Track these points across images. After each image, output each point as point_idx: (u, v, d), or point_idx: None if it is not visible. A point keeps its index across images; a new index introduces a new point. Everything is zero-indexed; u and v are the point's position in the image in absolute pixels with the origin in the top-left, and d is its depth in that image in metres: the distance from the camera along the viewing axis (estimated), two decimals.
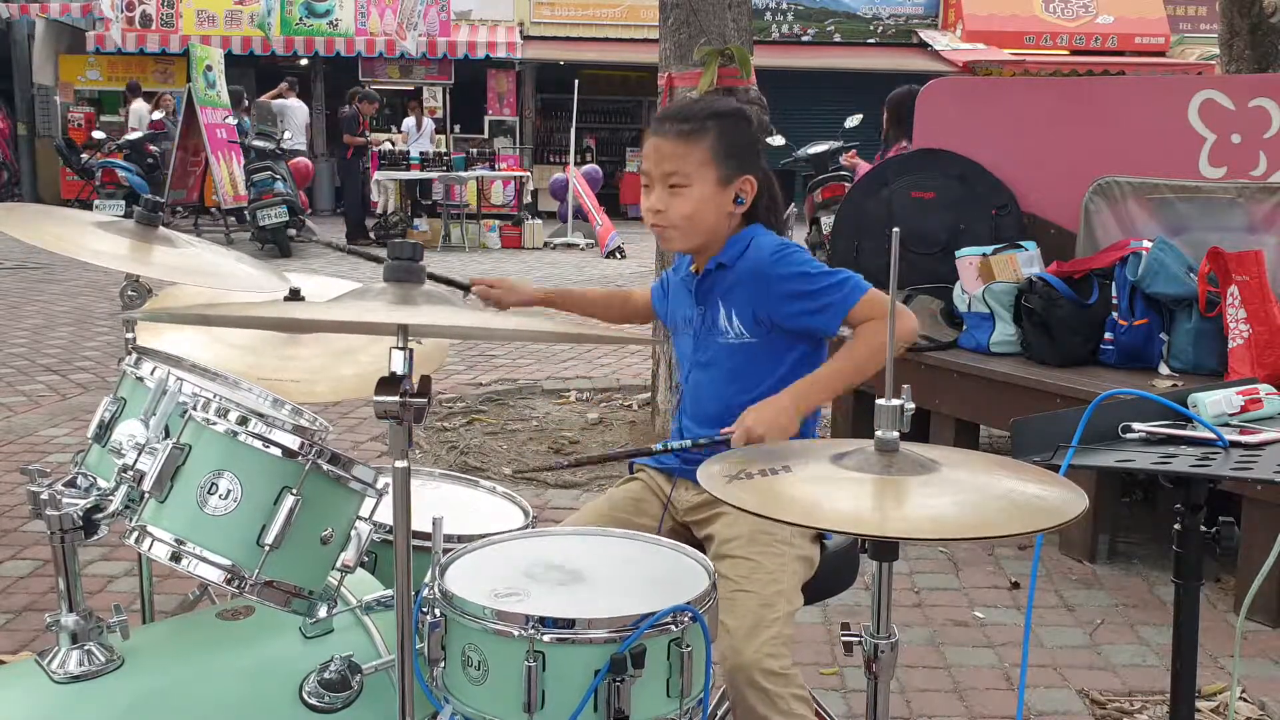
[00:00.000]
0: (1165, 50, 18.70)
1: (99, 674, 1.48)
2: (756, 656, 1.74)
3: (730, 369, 2.00)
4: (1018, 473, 1.31)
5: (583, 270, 11.51)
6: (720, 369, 2.01)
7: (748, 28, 4.70)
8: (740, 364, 1.99)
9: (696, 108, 2.05)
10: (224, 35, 17.14)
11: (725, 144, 1.97)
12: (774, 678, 1.74)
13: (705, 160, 1.96)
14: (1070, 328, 3.97)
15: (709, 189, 1.97)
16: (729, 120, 2.00)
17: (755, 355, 1.98)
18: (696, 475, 1.28)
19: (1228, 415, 1.70)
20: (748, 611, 1.79)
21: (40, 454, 4.67)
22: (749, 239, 2.01)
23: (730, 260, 2.00)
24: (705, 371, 2.03)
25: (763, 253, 1.98)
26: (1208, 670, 2.91)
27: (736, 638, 1.77)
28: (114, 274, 1.87)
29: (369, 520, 1.57)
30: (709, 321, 2.03)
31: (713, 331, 2.02)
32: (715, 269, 2.01)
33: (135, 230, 1.93)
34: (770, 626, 1.78)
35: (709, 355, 2.02)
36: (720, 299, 2.01)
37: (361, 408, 5.38)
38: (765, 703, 1.72)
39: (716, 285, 2.02)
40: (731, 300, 2.00)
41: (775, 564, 1.87)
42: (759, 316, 1.97)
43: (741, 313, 1.99)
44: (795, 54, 18.12)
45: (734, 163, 1.98)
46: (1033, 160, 4.56)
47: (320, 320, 1.50)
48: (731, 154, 1.98)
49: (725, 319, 2.00)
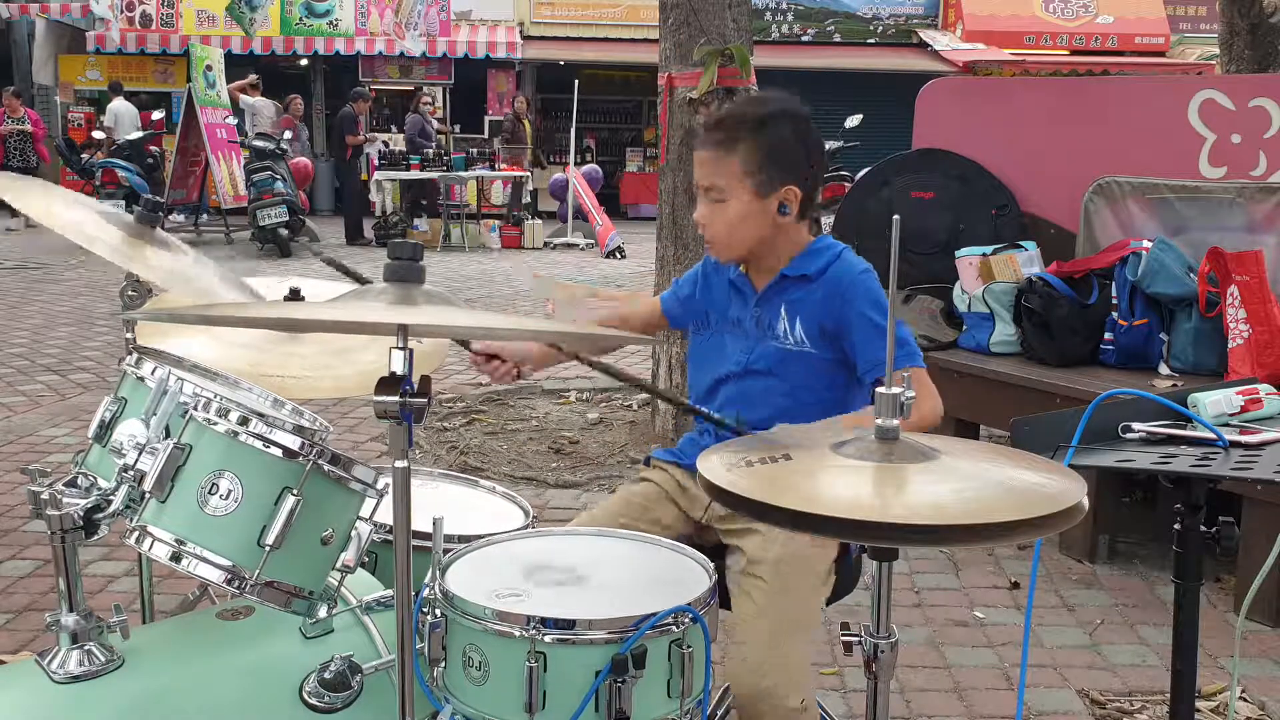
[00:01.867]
0: (1165, 50, 18.70)
1: (99, 674, 1.48)
2: (772, 686, 1.72)
3: (787, 376, 1.97)
4: (1018, 461, 1.31)
5: (583, 270, 11.51)
6: (777, 376, 1.97)
7: (748, 28, 4.70)
8: (797, 372, 1.96)
9: (732, 117, 1.97)
10: (224, 35, 17.13)
11: (761, 154, 1.91)
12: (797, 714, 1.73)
13: (739, 173, 1.91)
14: (1070, 328, 3.97)
15: (746, 202, 1.92)
16: (766, 128, 1.92)
17: (812, 366, 1.96)
18: (697, 464, 1.27)
19: (1228, 415, 1.70)
20: (769, 637, 1.78)
21: (40, 454, 4.67)
22: (837, 251, 1.99)
23: (815, 271, 1.96)
24: (761, 379, 1.99)
25: (852, 269, 1.96)
26: (1208, 670, 2.90)
27: (753, 663, 1.75)
28: (114, 274, 1.87)
29: (369, 520, 1.57)
30: (764, 324, 1.99)
31: (767, 335, 1.99)
32: (797, 278, 1.97)
33: (133, 227, 1.93)
34: (792, 653, 1.77)
35: (767, 363, 1.98)
36: (785, 305, 1.97)
37: (361, 408, 5.38)
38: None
39: (787, 292, 1.98)
40: (800, 308, 1.96)
41: (806, 587, 1.86)
42: (826, 327, 1.94)
43: (808, 322, 1.95)
44: (795, 54, 18.11)
45: (773, 172, 1.92)
46: (1033, 160, 4.57)
47: (320, 320, 1.50)
48: (769, 164, 1.92)
49: (786, 325, 1.97)
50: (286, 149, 12.36)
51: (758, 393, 1.99)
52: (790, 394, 1.96)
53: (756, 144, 1.91)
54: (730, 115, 1.98)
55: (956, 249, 4.41)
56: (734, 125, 1.93)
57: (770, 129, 1.93)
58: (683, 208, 4.67)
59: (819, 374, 1.97)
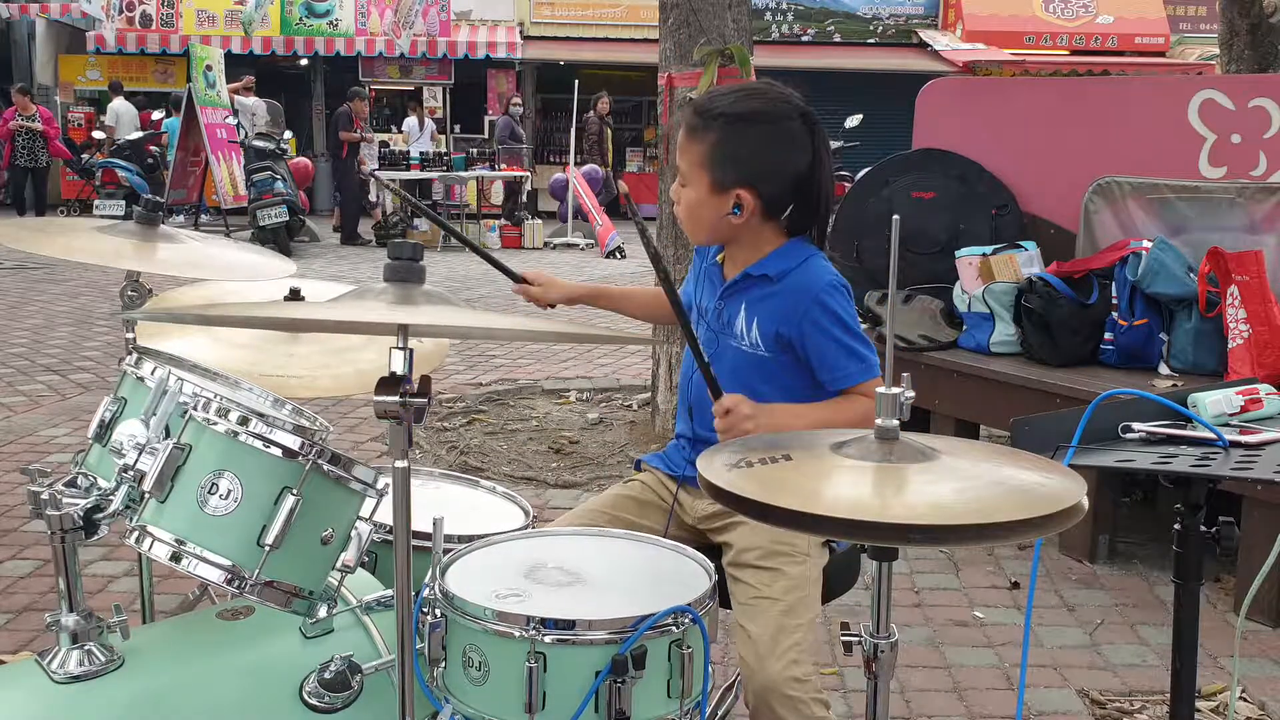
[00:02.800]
0: (1165, 50, 18.71)
1: (99, 674, 1.48)
2: (781, 666, 1.72)
3: (736, 372, 1.93)
4: (1018, 461, 1.31)
5: (583, 270, 11.51)
6: (725, 367, 1.92)
7: (748, 28, 4.70)
8: (748, 373, 1.92)
9: (711, 106, 1.90)
10: (224, 35, 17.14)
11: (723, 150, 1.86)
12: (799, 685, 1.72)
13: (700, 162, 1.88)
14: (1070, 328, 3.97)
15: (702, 193, 1.90)
16: (735, 125, 1.86)
17: (765, 370, 1.92)
18: (697, 464, 1.27)
19: (1228, 415, 1.70)
20: (770, 620, 1.77)
21: (40, 454, 4.67)
22: (804, 258, 1.92)
23: (777, 274, 1.91)
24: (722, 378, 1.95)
25: (818, 279, 1.89)
26: (1208, 670, 2.91)
27: (761, 646, 1.74)
28: (114, 274, 1.88)
29: (369, 520, 1.57)
30: (725, 319, 1.96)
31: (726, 332, 1.96)
32: (759, 277, 1.93)
33: (136, 230, 1.94)
34: (794, 633, 1.76)
35: (725, 362, 1.94)
36: (745, 304, 1.94)
37: (361, 408, 5.38)
38: (792, 711, 1.71)
39: (748, 290, 1.95)
40: (757, 310, 1.93)
41: (798, 571, 1.85)
42: (781, 334, 1.90)
43: (764, 325, 1.91)
44: (795, 54, 18.11)
45: (729, 170, 1.86)
46: (1033, 160, 4.56)
47: (320, 320, 1.50)
48: (728, 161, 1.86)
49: (743, 325, 1.93)
50: (286, 149, 12.37)
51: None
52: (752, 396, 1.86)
53: (723, 138, 1.86)
54: (709, 103, 1.92)
55: (956, 249, 4.41)
56: (707, 114, 1.89)
57: (739, 128, 1.86)
58: None
59: (774, 379, 1.92)
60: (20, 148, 14.17)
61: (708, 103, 1.93)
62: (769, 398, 1.88)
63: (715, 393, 1.78)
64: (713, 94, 1.96)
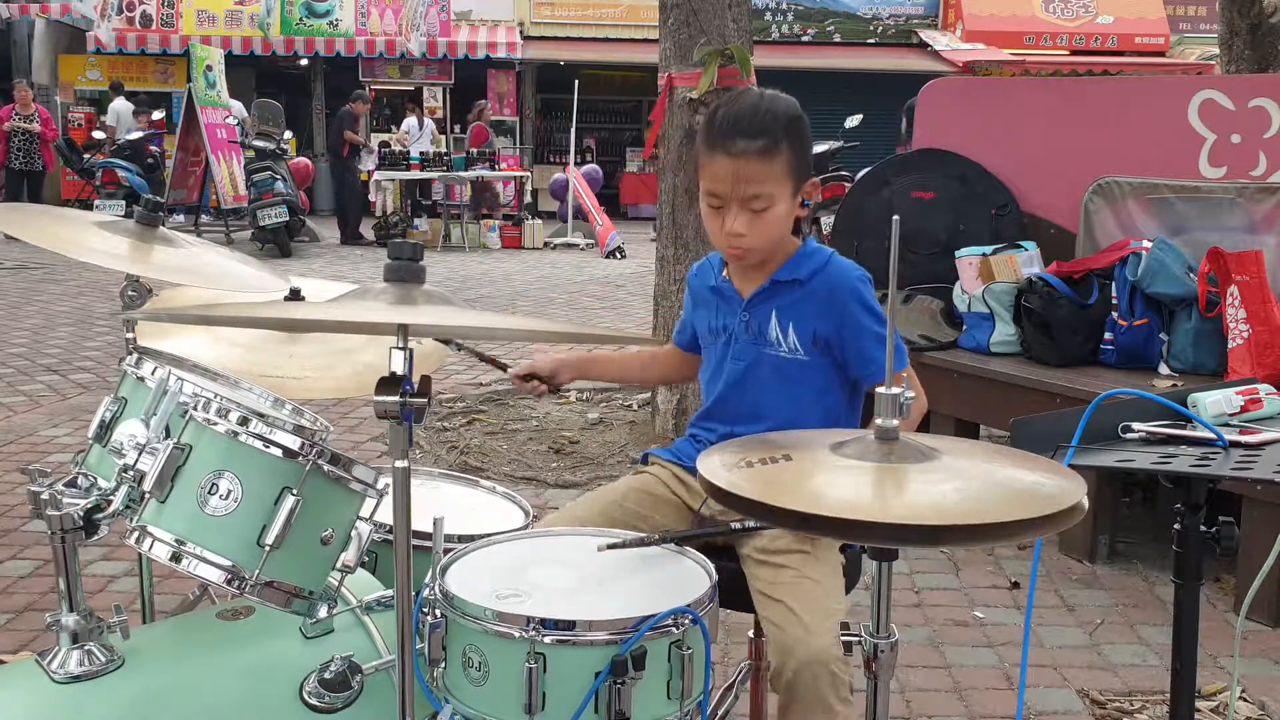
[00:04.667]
0: (1165, 50, 18.72)
1: (99, 674, 1.48)
2: (829, 641, 1.69)
3: (785, 384, 1.93)
4: (1018, 461, 1.31)
5: (583, 270, 11.51)
6: (775, 385, 1.94)
7: (748, 28, 4.70)
8: (790, 379, 1.93)
9: (767, 119, 1.86)
10: (224, 35, 17.15)
11: (798, 153, 1.87)
12: (844, 665, 1.70)
13: (784, 175, 1.86)
14: (1070, 328, 3.97)
15: (788, 204, 1.89)
16: (797, 125, 1.88)
17: (808, 374, 1.93)
18: (697, 465, 1.27)
19: (1228, 415, 1.70)
20: (816, 599, 1.75)
21: (40, 454, 4.67)
22: (825, 257, 1.95)
23: (805, 276, 1.92)
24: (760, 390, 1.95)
25: (848, 274, 1.92)
26: (1208, 670, 2.91)
27: (809, 620, 1.71)
28: (114, 274, 1.87)
29: (369, 520, 1.57)
30: (754, 330, 1.95)
31: (758, 342, 1.95)
32: (789, 282, 1.93)
33: (135, 230, 1.93)
34: (836, 615, 1.74)
35: (763, 372, 1.94)
36: (776, 310, 1.94)
37: (361, 408, 5.38)
38: (834, 688, 1.68)
39: (775, 297, 1.94)
40: (791, 314, 1.93)
41: (829, 557, 1.85)
42: (819, 335, 1.91)
43: (801, 329, 1.92)
44: (795, 54, 18.12)
45: (804, 168, 1.89)
46: (1033, 160, 4.56)
47: (320, 320, 1.50)
48: (803, 161, 1.88)
49: (778, 331, 1.93)
50: (286, 149, 12.37)
51: (760, 404, 1.96)
52: (792, 402, 1.92)
53: (793, 143, 1.86)
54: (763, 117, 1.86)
55: (956, 249, 4.41)
56: (773, 128, 1.85)
57: (796, 127, 1.88)
58: (683, 208, 4.67)
59: (816, 381, 1.94)
60: (15, 150, 13.91)
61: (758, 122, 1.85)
62: (807, 401, 1.92)
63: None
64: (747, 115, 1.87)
